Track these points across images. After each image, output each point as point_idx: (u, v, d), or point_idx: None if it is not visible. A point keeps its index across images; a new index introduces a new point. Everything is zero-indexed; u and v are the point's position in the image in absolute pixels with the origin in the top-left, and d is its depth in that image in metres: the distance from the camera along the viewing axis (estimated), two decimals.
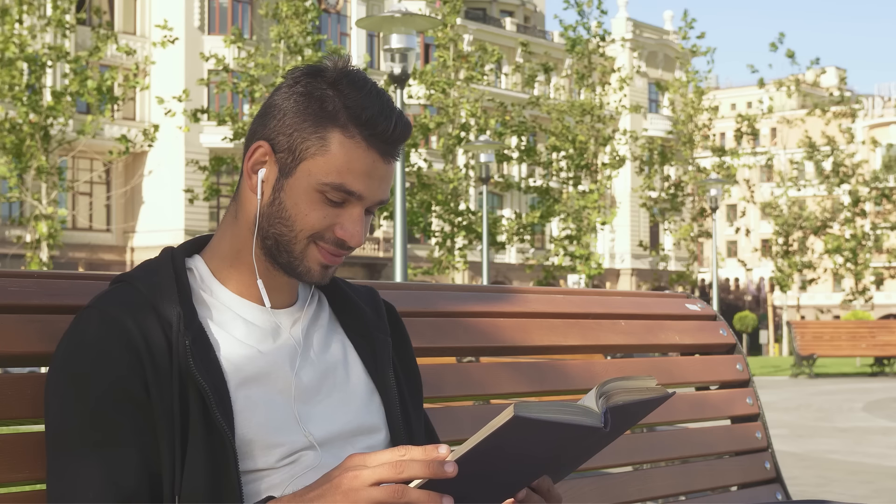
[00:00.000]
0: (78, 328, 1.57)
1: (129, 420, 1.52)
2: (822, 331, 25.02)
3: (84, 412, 1.52)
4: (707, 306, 3.06)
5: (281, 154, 1.62)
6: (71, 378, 1.54)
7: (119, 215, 40.83)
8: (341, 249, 1.64)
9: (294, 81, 1.64)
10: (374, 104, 1.61)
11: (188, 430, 1.53)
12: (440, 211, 29.57)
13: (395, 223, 12.15)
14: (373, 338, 1.76)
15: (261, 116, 1.66)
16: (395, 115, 1.63)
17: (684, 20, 36.28)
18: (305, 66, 1.67)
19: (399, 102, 12.36)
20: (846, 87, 43.96)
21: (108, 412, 1.52)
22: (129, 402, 1.52)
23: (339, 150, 1.60)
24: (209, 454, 1.52)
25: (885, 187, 43.14)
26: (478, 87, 32.48)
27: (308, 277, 1.65)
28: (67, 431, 1.53)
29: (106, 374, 1.52)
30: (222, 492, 1.52)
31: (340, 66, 1.64)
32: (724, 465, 2.84)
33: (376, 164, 1.62)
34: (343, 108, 1.61)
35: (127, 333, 1.54)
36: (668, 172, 39.43)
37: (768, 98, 41.09)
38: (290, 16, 27.09)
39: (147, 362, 1.53)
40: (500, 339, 2.51)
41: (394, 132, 1.62)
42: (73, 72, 23.70)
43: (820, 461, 9.76)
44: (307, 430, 1.62)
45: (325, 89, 1.62)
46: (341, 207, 1.62)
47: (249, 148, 1.65)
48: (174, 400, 1.53)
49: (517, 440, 1.40)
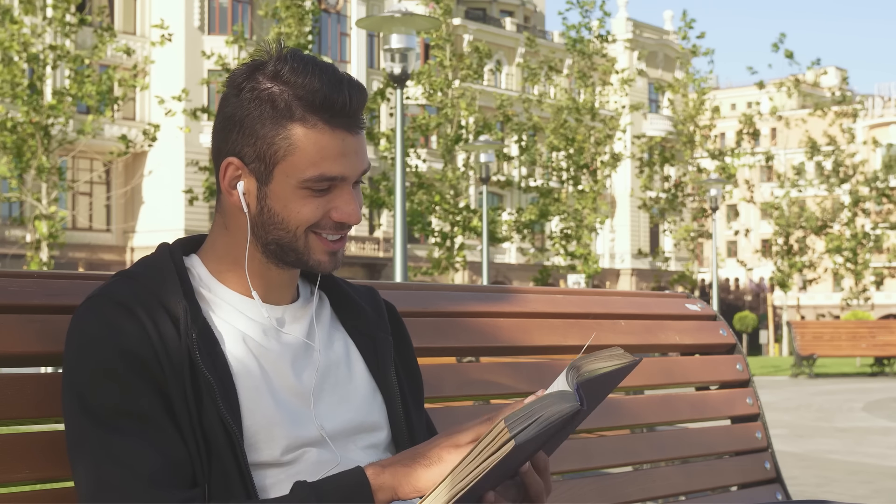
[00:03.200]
0: (86, 318, 1.56)
1: (157, 395, 1.52)
2: (822, 331, 25.01)
3: (112, 391, 1.50)
4: (707, 306, 3.06)
5: (253, 164, 1.61)
6: (90, 364, 1.52)
7: (119, 215, 40.83)
8: (341, 230, 1.65)
9: (238, 89, 1.62)
10: (322, 83, 1.59)
11: (203, 420, 1.53)
12: (440, 211, 29.56)
13: (395, 223, 12.15)
14: (374, 336, 1.76)
15: (219, 132, 1.64)
16: (346, 86, 1.60)
17: (683, 20, 36.33)
18: (243, 67, 1.64)
19: (399, 102, 12.37)
20: (847, 88, 43.85)
21: (136, 387, 1.51)
22: (152, 378, 1.52)
23: (306, 144, 1.59)
24: (217, 448, 1.53)
25: (886, 187, 43.14)
26: (475, 87, 32.48)
27: (321, 268, 1.65)
28: (93, 417, 1.50)
29: (126, 353, 1.51)
30: (233, 485, 1.53)
31: (275, 55, 1.62)
32: (724, 465, 2.84)
33: (346, 140, 1.61)
34: (294, 99, 1.59)
35: (137, 317, 1.53)
36: (668, 173, 39.43)
37: (769, 99, 41.06)
38: (288, 17, 27.06)
39: (160, 348, 1.53)
40: (500, 339, 2.51)
41: (351, 104, 1.60)
42: (73, 72, 23.69)
43: (820, 461, 9.76)
44: (320, 425, 1.62)
45: (270, 86, 1.60)
46: (330, 193, 1.62)
47: (220, 166, 1.64)
48: (187, 389, 1.52)
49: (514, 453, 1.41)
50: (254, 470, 1.57)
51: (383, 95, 27.59)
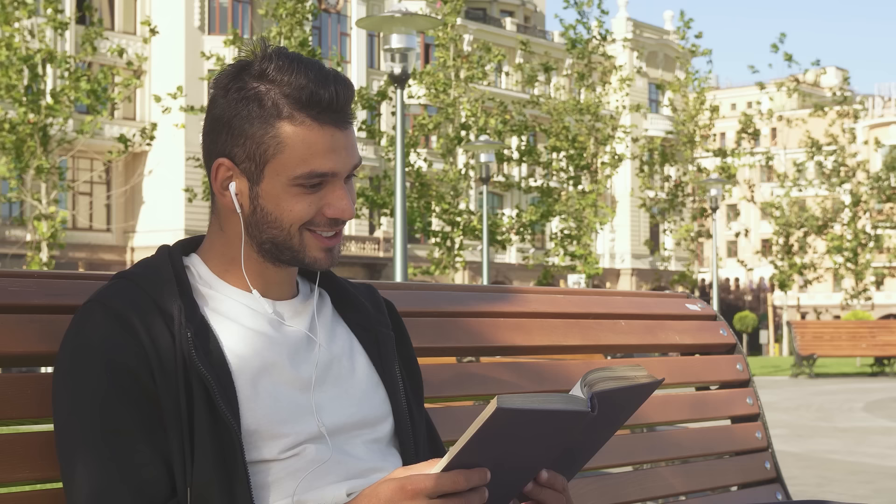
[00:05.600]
0: (82, 322, 1.57)
1: (140, 409, 1.52)
2: (822, 331, 25.00)
3: (95, 404, 1.52)
4: (707, 306, 3.06)
5: (243, 164, 1.61)
6: (79, 371, 1.54)
7: (119, 215, 40.82)
8: (336, 227, 1.65)
9: (225, 90, 1.62)
10: (308, 79, 1.59)
11: (194, 422, 1.53)
12: (440, 211, 29.56)
13: (395, 223, 12.15)
14: (376, 331, 1.76)
15: (209, 133, 1.65)
16: (332, 82, 1.61)
17: (681, 20, 36.39)
18: (229, 68, 1.64)
19: (400, 102, 12.37)
20: (847, 88, 43.85)
21: (119, 402, 1.52)
22: (139, 391, 1.53)
23: (295, 142, 1.59)
24: (216, 445, 1.53)
25: (887, 186, 43.14)
26: (477, 87, 32.47)
27: (317, 265, 1.66)
28: (79, 424, 1.52)
29: (114, 365, 1.52)
30: (231, 481, 1.53)
31: (260, 53, 1.62)
32: (724, 465, 2.84)
33: (335, 136, 1.61)
34: (281, 97, 1.59)
35: (132, 326, 1.54)
36: (668, 172, 39.43)
37: (769, 99, 41.08)
38: (287, 16, 27.05)
39: (152, 355, 1.53)
40: (500, 339, 2.51)
41: (338, 99, 1.60)
42: (66, 72, 23.71)
43: (820, 461, 9.76)
44: (320, 420, 1.62)
45: (257, 85, 1.60)
46: (321, 189, 1.62)
47: (211, 168, 1.64)
48: (180, 392, 1.53)
49: (507, 434, 1.40)
50: (253, 467, 1.56)
51: (384, 95, 27.59)
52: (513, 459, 1.48)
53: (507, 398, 1.36)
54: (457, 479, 1.42)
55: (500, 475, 1.46)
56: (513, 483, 1.52)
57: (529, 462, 1.51)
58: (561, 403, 1.42)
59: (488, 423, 1.36)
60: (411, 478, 1.43)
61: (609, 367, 1.49)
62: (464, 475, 1.42)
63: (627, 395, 1.51)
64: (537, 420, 1.41)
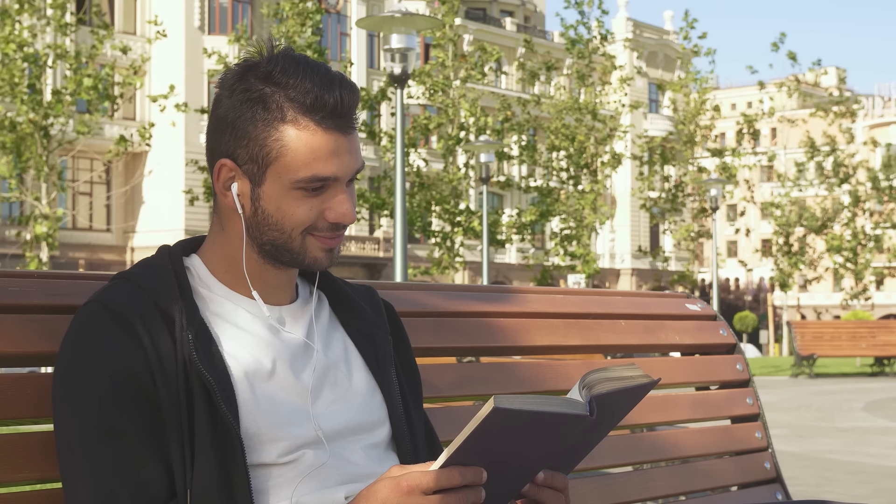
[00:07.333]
0: (82, 323, 1.57)
1: (140, 411, 1.52)
2: (822, 331, 24.98)
3: (95, 405, 1.52)
4: (707, 306, 3.06)
5: (246, 166, 1.61)
6: (79, 372, 1.54)
7: (119, 215, 40.82)
8: (337, 231, 1.64)
9: (230, 90, 1.62)
10: (314, 83, 1.59)
11: (195, 424, 1.53)
12: (440, 211, 29.55)
13: (395, 223, 12.15)
14: (373, 336, 1.76)
15: (212, 133, 1.65)
16: (337, 86, 1.60)
17: (685, 20, 36.25)
18: (235, 68, 1.64)
19: (399, 102, 12.37)
20: (846, 88, 43.92)
21: (119, 403, 1.52)
22: (139, 392, 1.53)
23: (298, 145, 1.58)
24: (217, 448, 1.52)
25: (886, 186, 43.14)
26: (477, 87, 32.47)
27: (317, 266, 1.65)
28: (79, 425, 1.52)
29: (114, 367, 1.52)
30: (232, 484, 1.53)
31: (267, 54, 1.61)
32: (724, 465, 2.84)
33: (338, 141, 1.60)
34: (286, 100, 1.59)
35: (132, 328, 1.54)
36: (668, 172, 39.43)
37: (769, 98, 41.09)
38: (292, 16, 27.01)
39: (153, 357, 1.53)
40: (500, 339, 2.51)
41: (343, 104, 1.60)
42: (72, 70, 23.71)
43: (820, 461, 9.76)
44: (317, 426, 1.62)
45: (262, 87, 1.60)
46: (323, 193, 1.61)
47: (214, 168, 1.64)
48: (180, 394, 1.53)
49: (504, 435, 1.40)
50: (252, 470, 1.56)
51: (384, 95, 27.58)
52: (510, 460, 1.47)
53: (505, 398, 1.36)
54: (452, 475, 1.42)
55: (498, 475, 1.46)
56: (510, 484, 1.52)
57: (527, 463, 1.51)
58: (559, 406, 1.41)
59: (485, 422, 1.36)
60: (407, 475, 1.44)
61: (606, 368, 1.49)
62: (459, 472, 1.42)
63: (624, 396, 1.51)
64: (534, 421, 1.41)
